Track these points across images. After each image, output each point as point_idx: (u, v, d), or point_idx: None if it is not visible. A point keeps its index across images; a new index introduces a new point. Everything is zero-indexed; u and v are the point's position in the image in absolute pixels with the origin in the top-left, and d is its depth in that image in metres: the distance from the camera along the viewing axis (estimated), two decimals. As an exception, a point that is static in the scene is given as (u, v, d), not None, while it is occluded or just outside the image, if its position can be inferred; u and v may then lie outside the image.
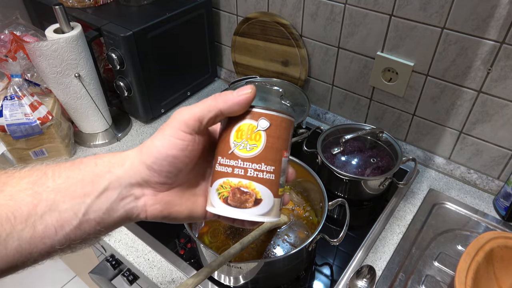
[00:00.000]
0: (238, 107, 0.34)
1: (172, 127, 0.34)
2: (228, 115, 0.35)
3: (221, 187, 0.35)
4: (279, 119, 0.35)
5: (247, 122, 0.35)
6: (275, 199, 0.35)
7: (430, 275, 0.71)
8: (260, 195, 0.34)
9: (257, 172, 0.34)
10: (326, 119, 1.09)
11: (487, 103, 0.79)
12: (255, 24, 1.05)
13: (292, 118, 0.36)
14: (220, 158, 0.35)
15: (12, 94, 0.85)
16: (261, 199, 0.34)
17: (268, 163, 0.34)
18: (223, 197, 0.34)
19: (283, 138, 0.35)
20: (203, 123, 0.34)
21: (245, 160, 0.34)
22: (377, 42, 0.87)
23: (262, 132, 0.34)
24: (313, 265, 0.74)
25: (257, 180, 0.34)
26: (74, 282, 1.77)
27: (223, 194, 0.34)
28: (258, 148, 0.34)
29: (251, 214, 0.34)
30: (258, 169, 0.34)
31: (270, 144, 0.34)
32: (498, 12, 0.69)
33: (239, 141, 0.34)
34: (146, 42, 0.95)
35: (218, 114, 0.34)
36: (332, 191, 0.86)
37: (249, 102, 0.35)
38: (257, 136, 0.34)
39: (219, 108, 0.34)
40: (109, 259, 0.85)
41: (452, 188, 0.89)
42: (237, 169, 0.34)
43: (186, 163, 0.34)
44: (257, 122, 0.34)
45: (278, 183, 0.35)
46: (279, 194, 0.36)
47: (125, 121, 1.08)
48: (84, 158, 0.36)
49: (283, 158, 0.35)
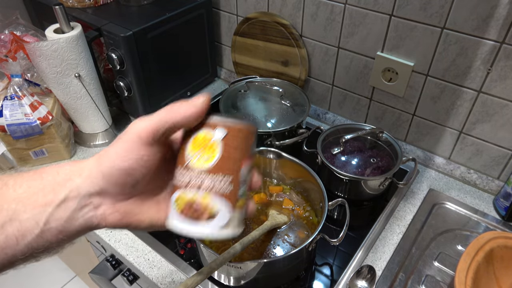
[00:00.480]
0: (191, 118, 0.34)
1: (125, 140, 0.34)
2: (182, 126, 0.35)
3: (177, 200, 0.34)
4: (237, 128, 0.34)
5: (203, 132, 0.34)
6: (234, 211, 0.34)
7: (430, 275, 0.72)
8: (216, 207, 0.33)
9: (213, 183, 0.33)
10: (326, 119, 1.09)
11: (487, 103, 0.79)
12: (255, 24, 1.05)
13: (253, 126, 0.35)
14: (178, 169, 0.34)
15: (12, 94, 0.85)
16: (217, 212, 0.33)
17: (225, 174, 0.33)
18: (180, 210, 0.34)
19: (241, 147, 0.34)
20: (157, 135, 0.34)
21: (200, 172, 0.33)
22: (377, 42, 0.87)
23: (218, 142, 0.33)
24: (313, 265, 0.74)
25: (213, 192, 0.33)
26: (74, 282, 1.77)
27: (179, 207, 0.34)
28: (214, 158, 0.33)
29: (207, 228, 0.33)
30: (214, 181, 0.33)
31: (227, 154, 0.33)
32: (498, 12, 0.69)
33: (195, 152, 0.34)
34: (146, 42, 0.95)
35: (172, 126, 0.34)
36: (332, 191, 0.86)
37: (201, 113, 0.34)
38: (213, 146, 0.33)
39: (172, 120, 0.34)
40: (109, 259, 0.85)
41: (452, 188, 0.89)
42: (193, 181, 0.33)
43: (143, 174, 0.34)
44: (213, 132, 0.34)
45: (237, 194, 0.34)
46: (239, 205, 0.34)
47: (125, 121, 1.08)
48: (47, 167, 0.35)
49: (242, 168, 0.34)
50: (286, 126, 0.90)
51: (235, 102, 0.97)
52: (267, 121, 0.92)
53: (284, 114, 0.93)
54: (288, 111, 0.93)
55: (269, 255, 0.69)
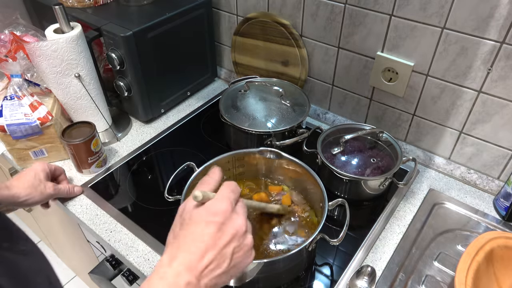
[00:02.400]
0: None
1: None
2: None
3: None
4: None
5: None
6: None
7: (430, 275, 0.72)
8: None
9: None
10: (326, 119, 1.09)
11: (487, 103, 0.79)
12: (255, 24, 1.05)
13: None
14: None
15: (12, 94, 0.85)
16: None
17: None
18: None
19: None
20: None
21: None
22: (377, 42, 0.87)
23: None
24: (313, 265, 0.74)
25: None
26: (74, 282, 1.77)
27: None
28: None
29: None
30: None
31: None
32: (498, 12, 0.69)
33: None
34: (146, 42, 0.95)
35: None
36: (332, 191, 0.86)
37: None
38: None
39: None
40: (109, 259, 0.85)
41: (452, 188, 0.89)
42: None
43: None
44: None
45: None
46: None
47: (125, 121, 1.08)
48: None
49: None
50: (286, 126, 0.90)
51: (235, 102, 0.97)
52: (267, 121, 0.92)
53: (284, 114, 0.93)
54: (288, 111, 0.93)
55: (269, 254, 0.69)
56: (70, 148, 0.86)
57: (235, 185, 0.52)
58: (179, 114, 1.13)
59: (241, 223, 0.48)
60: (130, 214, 0.83)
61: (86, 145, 0.86)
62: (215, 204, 0.48)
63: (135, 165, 0.96)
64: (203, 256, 0.45)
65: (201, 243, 0.45)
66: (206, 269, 0.45)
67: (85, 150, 0.87)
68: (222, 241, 0.46)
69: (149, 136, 1.04)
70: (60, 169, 0.86)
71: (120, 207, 0.84)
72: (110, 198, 0.87)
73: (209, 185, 0.52)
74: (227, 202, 0.49)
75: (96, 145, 0.88)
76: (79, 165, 0.90)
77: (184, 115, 1.12)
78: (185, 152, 1.00)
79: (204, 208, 0.48)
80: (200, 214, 0.48)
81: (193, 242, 0.46)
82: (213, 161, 0.76)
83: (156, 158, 0.99)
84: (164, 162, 0.99)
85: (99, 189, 0.89)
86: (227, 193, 0.50)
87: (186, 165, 0.78)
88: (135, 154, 0.98)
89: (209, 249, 0.45)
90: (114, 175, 0.93)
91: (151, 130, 1.07)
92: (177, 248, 0.46)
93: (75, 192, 0.85)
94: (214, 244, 0.46)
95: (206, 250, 0.45)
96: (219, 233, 0.46)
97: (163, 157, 0.99)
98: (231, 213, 0.48)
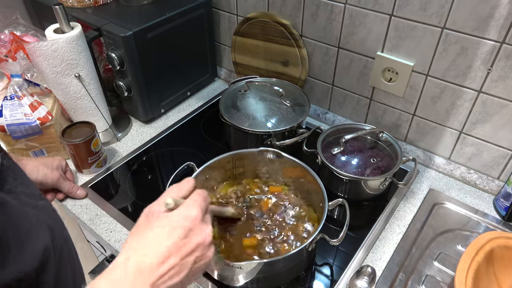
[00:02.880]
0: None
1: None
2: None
3: None
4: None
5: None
6: None
7: (430, 275, 0.71)
8: None
9: None
10: (326, 119, 1.09)
11: (487, 103, 0.79)
12: (255, 24, 1.05)
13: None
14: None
15: (12, 94, 0.85)
16: None
17: None
18: None
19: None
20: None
21: None
22: (377, 42, 0.87)
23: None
24: (313, 265, 0.74)
25: None
26: (74, 282, 1.77)
27: None
28: None
29: None
30: None
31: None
32: (498, 12, 0.69)
33: None
34: (146, 42, 0.95)
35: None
36: (332, 191, 0.86)
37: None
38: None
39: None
40: (109, 259, 0.85)
41: (452, 188, 0.89)
42: None
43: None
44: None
45: None
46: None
47: (125, 121, 1.08)
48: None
49: None
50: (286, 126, 0.90)
51: (235, 102, 0.97)
52: (267, 121, 0.92)
53: (284, 114, 0.93)
54: (288, 111, 0.93)
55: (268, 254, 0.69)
56: (70, 148, 0.86)
57: (206, 194, 0.51)
58: (179, 114, 1.13)
59: (208, 233, 0.47)
60: (130, 214, 0.83)
61: (86, 145, 0.86)
62: (186, 209, 0.47)
63: (135, 165, 0.96)
64: (164, 261, 0.42)
65: (165, 247, 0.43)
66: (164, 276, 0.42)
67: (85, 150, 0.87)
68: (187, 248, 0.44)
69: (149, 136, 1.04)
70: (69, 170, 0.89)
71: (120, 207, 0.84)
72: (110, 198, 0.87)
73: (180, 192, 0.50)
74: (197, 208, 0.47)
75: (96, 145, 0.88)
76: (79, 165, 0.90)
77: (184, 115, 1.12)
78: (185, 152, 1.00)
79: (174, 212, 0.46)
80: (168, 217, 0.46)
81: (155, 244, 0.43)
82: (213, 161, 0.76)
83: (156, 158, 0.99)
84: (164, 162, 0.99)
85: (99, 189, 0.89)
86: (199, 200, 0.48)
87: (186, 165, 0.78)
88: (135, 154, 0.98)
89: (171, 254, 0.43)
90: (114, 175, 0.93)
91: (151, 130, 1.07)
92: (135, 250, 0.44)
93: (76, 193, 0.85)
94: (178, 250, 0.43)
95: (168, 255, 0.43)
96: (185, 240, 0.44)
97: (163, 157, 0.99)
98: (200, 221, 0.46)
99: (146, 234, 0.45)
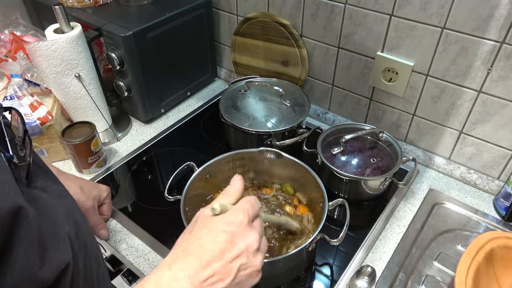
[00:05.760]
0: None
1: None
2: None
3: None
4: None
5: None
6: None
7: (430, 275, 0.71)
8: None
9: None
10: (326, 119, 1.09)
11: (487, 103, 0.79)
12: (255, 24, 1.05)
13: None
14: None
15: (12, 94, 0.85)
16: None
17: None
18: None
19: None
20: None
21: None
22: (377, 42, 0.87)
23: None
24: (313, 265, 0.74)
25: None
26: (74, 282, 1.77)
27: None
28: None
29: None
30: None
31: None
32: (498, 12, 0.69)
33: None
34: (146, 42, 0.95)
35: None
36: (332, 191, 0.86)
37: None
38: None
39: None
40: (109, 259, 0.85)
41: (452, 188, 0.89)
42: None
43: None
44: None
45: None
46: None
47: (125, 121, 1.08)
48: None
49: None
50: (286, 126, 0.90)
51: (235, 102, 0.97)
52: (267, 121, 0.92)
53: (284, 114, 0.93)
54: (288, 111, 0.93)
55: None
56: (70, 148, 0.86)
57: (255, 199, 0.49)
58: (179, 114, 1.13)
59: (254, 239, 0.45)
60: (130, 214, 0.83)
61: (86, 145, 0.86)
62: (232, 215, 0.46)
63: (135, 165, 0.96)
64: (208, 265, 0.42)
65: (208, 251, 0.43)
66: (207, 281, 0.41)
67: (85, 150, 0.87)
68: (231, 254, 0.43)
69: (149, 136, 1.04)
70: (108, 202, 0.81)
71: (120, 207, 0.84)
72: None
73: (229, 198, 0.50)
74: (244, 214, 0.46)
75: (96, 145, 0.88)
76: (79, 165, 0.90)
77: (184, 115, 1.12)
78: (185, 152, 1.00)
79: (220, 217, 0.46)
80: (214, 222, 0.46)
81: (200, 248, 0.43)
82: (213, 161, 0.76)
83: (156, 158, 0.99)
84: (164, 162, 0.99)
85: (99, 189, 0.89)
86: (246, 206, 0.47)
87: (186, 165, 0.78)
88: (135, 154, 0.98)
89: (215, 259, 0.42)
90: (114, 175, 0.93)
91: (151, 130, 1.07)
92: (182, 251, 0.44)
93: (99, 232, 0.77)
94: (222, 255, 0.43)
95: (212, 259, 0.42)
96: (229, 245, 0.43)
97: (163, 157, 0.99)
98: (246, 226, 0.45)
99: (192, 237, 0.45)
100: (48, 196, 0.43)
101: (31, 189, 0.41)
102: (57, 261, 0.38)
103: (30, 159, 0.43)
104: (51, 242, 0.38)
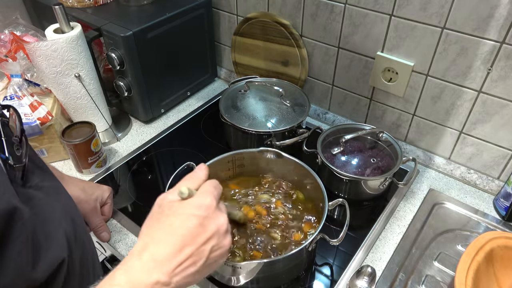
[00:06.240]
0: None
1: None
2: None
3: None
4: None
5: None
6: None
7: (430, 275, 0.71)
8: None
9: None
10: (326, 119, 1.09)
11: (487, 103, 0.79)
12: (255, 24, 1.05)
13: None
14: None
15: (12, 94, 0.85)
16: None
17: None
18: None
19: None
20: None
21: None
22: (377, 42, 0.87)
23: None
24: (313, 265, 0.74)
25: None
26: (74, 282, 1.77)
27: None
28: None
29: None
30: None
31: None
32: (498, 12, 0.69)
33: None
34: (146, 42, 0.95)
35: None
36: (332, 191, 0.86)
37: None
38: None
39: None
40: (109, 259, 0.85)
41: (452, 188, 0.89)
42: None
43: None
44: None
45: None
46: None
47: (125, 121, 1.08)
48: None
49: None
50: (286, 126, 0.90)
51: (235, 102, 0.97)
52: (267, 121, 0.92)
53: (284, 114, 0.93)
54: (288, 111, 0.93)
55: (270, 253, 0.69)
56: (70, 148, 0.86)
57: (217, 183, 0.50)
58: (179, 114, 1.13)
59: (223, 221, 0.46)
60: (130, 214, 0.83)
61: (86, 145, 0.86)
62: (199, 198, 0.46)
63: (135, 165, 0.96)
64: (180, 250, 0.41)
65: (179, 236, 0.42)
66: (181, 266, 0.41)
67: (85, 150, 0.87)
68: (202, 237, 0.43)
69: (149, 136, 1.04)
70: (109, 203, 0.81)
71: (120, 207, 0.84)
72: (110, 198, 0.87)
73: (194, 183, 0.49)
74: (211, 197, 0.46)
75: (96, 145, 0.88)
76: (79, 165, 0.90)
77: (184, 115, 1.12)
78: (185, 152, 1.00)
79: (187, 201, 0.46)
80: (182, 206, 0.45)
81: (170, 234, 0.43)
82: (213, 161, 0.76)
83: (156, 158, 0.99)
84: (164, 162, 0.99)
85: (99, 189, 0.89)
86: (211, 188, 0.48)
87: (186, 165, 0.77)
88: (135, 154, 0.98)
89: (187, 244, 0.42)
90: (114, 175, 0.93)
91: (151, 130, 1.07)
92: (151, 239, 0.43)
93: (100, 234, 0.77)
94: (193, 239, 0.43)
95: (184, 244, 0.42)
96: (200, 228, 0.43)
97: (163, 157, 0.99)
98: (214, 209, 0.46)
99: (161, 223, 0.44)
100: (44, 194, 0.43)
101: (26, 189, 0.41)
102: (50, 259, 0.38)
103: (26, 160, 0.42)
104: (45, 241, 0.38)
